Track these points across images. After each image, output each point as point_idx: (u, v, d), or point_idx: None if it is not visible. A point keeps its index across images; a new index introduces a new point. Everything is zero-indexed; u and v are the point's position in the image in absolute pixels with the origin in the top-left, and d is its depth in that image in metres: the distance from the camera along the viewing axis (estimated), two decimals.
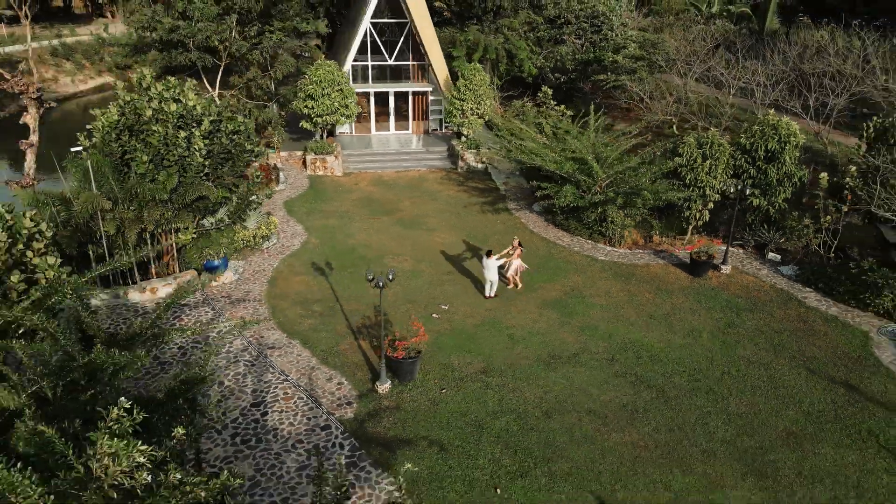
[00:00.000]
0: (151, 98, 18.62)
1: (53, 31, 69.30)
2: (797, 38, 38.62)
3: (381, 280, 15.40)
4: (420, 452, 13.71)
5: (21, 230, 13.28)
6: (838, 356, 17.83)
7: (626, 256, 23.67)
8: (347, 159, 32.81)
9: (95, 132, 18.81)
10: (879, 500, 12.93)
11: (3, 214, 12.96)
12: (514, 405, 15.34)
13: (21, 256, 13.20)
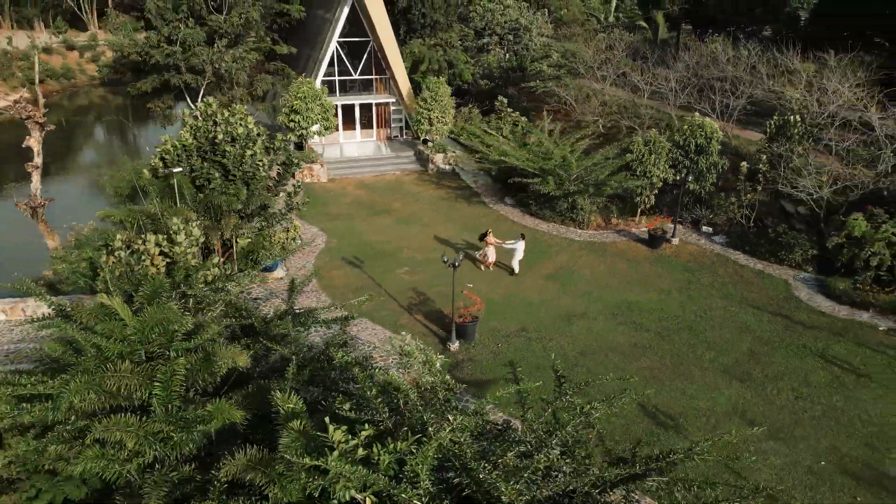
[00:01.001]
0: (217, 123, 21.63)
1: None
2: (694, 49, 45.65)
3: (458, 260, 19.54)
4: (501, 387, 18.03)
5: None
6: (770, 298, 23.84)
7: (595, 236, 28.98)
8: (327, 166, 36.18)
9: (166, 154, 21.55)
10: (820, 386, 18.67)
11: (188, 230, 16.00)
12: (554, 350, 19.95)
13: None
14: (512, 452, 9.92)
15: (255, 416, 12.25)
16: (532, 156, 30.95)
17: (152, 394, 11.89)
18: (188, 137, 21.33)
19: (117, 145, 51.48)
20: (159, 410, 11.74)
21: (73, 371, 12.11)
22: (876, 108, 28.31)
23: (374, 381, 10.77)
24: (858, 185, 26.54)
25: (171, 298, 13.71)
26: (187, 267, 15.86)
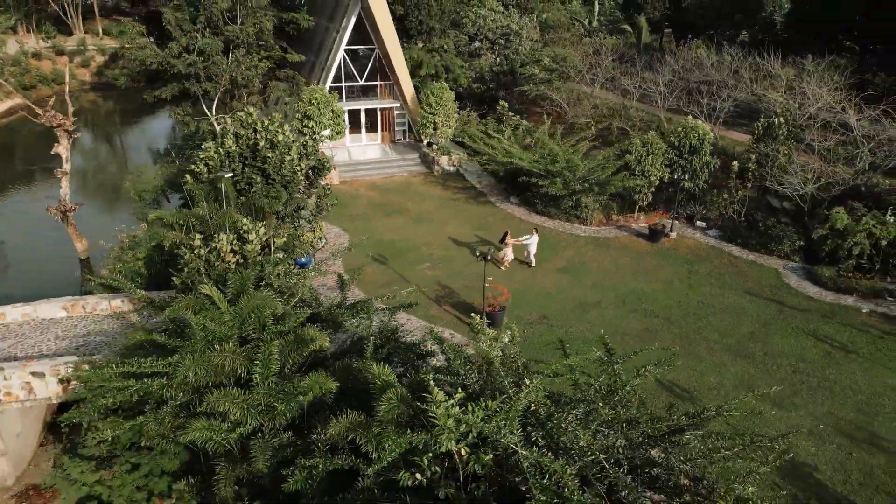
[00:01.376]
0: (257, 130, 23.24)
1: None
2: (679, 54, 48.08)
3: (489, 255, 21.41)
4: (545, 364, 19.95)
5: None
6: (764, 285, 26.12)
7: (598, 232, 31.06)
8: (339, 169, 37.79)
9: (210, 160, 23.09)
10: (813, 361, 20.89)
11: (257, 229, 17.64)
12: (575, 335, 21.91)
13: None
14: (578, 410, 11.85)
15: (338, 390, 13.99)
16: (538, 158, 32.94)
17: (252, 371, 13.59)
18: (231, 144, 22.88)
19: (125, 150, 52.54)
20: (261, 385, 13.45)
21: (182, 351, 13.75)
22: (853, 110, 30.79)
23: (460, 353, 12.62)
24: (839, 181, 29.00)
25: (257, 289, 15.40)
26: (262, 262, 17.50)
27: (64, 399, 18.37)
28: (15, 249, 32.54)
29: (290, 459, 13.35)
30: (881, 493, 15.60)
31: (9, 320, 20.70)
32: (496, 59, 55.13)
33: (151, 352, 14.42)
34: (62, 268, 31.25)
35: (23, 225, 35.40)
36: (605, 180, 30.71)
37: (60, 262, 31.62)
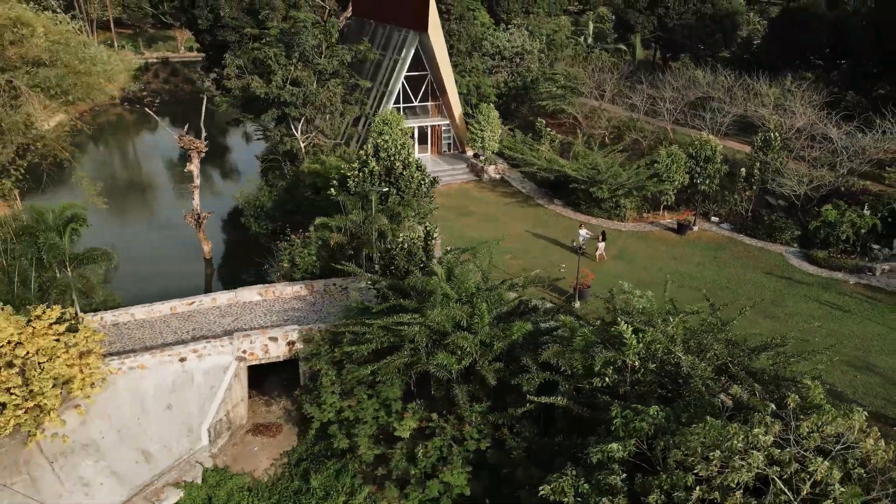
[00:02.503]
0: (392, 154, 29.74)
1: None
2: (678, 73, 55.70)
3: (584, 244, 28.31)
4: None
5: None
6: (773, 266, 33.61)
7: (636, 227, 38.31)
8: None
9: (355, 177, 29.49)
10: (820, 318, 28.33)
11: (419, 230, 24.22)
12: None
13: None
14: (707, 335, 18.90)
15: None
16: (579, 166, 40.06)
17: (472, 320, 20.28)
18: (374, 165, 29.32)
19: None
20: (479, 329, 20.17)
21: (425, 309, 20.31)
22: (834, 127, 38.68)
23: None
24: (826, 184, 36.78)
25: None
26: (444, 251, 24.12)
27: (288, 357, 24.73)
28: (149, 250, 38.39)
29: (507, 379, 20.10)
30: (879, 398, 22.97)
31: (219, 303, 26.94)
32: (510, 76, 61.94)
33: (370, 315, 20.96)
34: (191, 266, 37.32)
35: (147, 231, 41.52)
36: (641, 185, 37.97)
37: (189, 261, 37.68)
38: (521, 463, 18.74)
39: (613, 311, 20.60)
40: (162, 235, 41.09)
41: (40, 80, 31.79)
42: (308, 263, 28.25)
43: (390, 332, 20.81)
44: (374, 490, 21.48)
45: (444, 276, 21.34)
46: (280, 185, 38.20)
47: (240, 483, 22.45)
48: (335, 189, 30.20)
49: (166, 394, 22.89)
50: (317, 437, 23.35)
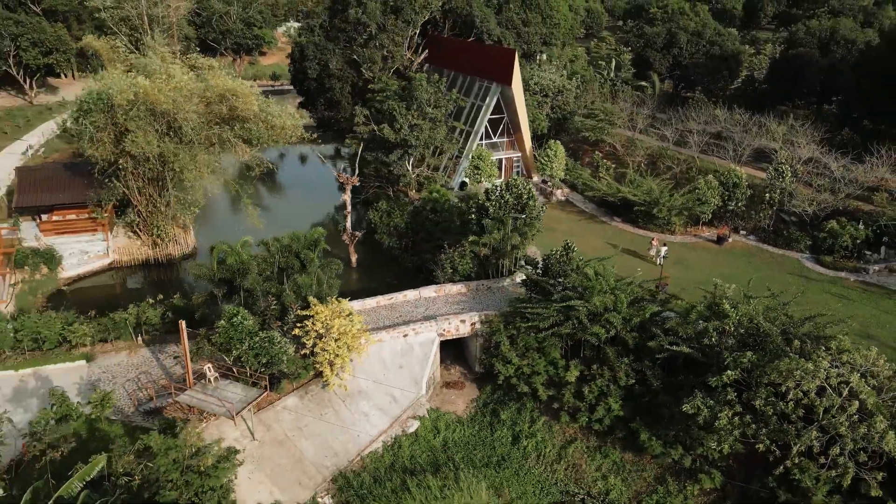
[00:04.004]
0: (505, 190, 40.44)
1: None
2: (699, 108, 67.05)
3: (663, 256, 39.23)
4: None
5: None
6: (793, 268, 44.82)
7: (683, 240, 49.39)
8: None
9: (492, 205, 40.09)
10: (834, 305, 39.39)
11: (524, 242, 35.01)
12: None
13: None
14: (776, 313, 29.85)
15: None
16: (636, 191, 51.16)
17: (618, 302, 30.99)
18: (508, 196, 40.00)
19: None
20: (623, 310, 30.88)
21: (587, 295, 31.01)
22: (834, 161, 50.20)
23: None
24: (828, 205, 48.20)
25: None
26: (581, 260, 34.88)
27: (470, 334, 35.22)
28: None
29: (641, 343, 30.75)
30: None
31: (409, 298, 37.52)
32: (552, 109, 73.00)
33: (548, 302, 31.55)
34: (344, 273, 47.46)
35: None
36: (688, 206, 49.16)
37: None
38: (659, 393, 29.52)
39: (714, 294, 31.34)
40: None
41: (246, 132, 42.11)
42: (466, 269, 38.91)
43: (561, 312, 31.46)
44: (548, 419, 32.11)
45: (594, 275, 32.11)
46: (408, 209, 48.65)
47: (449, 418, 32.96)
48: (475, 215, 40.86)
49: (398, 358, 33.39)
50: (495, 388, 33.95)
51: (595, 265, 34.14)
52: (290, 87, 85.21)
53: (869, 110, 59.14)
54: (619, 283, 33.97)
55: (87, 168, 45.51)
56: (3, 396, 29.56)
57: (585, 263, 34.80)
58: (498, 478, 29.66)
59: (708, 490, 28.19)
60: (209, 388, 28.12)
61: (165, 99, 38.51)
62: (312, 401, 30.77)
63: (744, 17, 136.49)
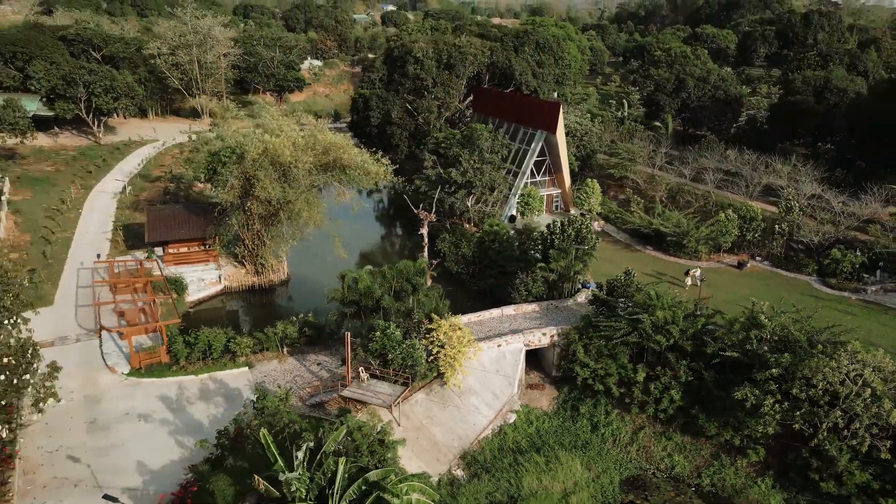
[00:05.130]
0: (566, 226, 48.69)
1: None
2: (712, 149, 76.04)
3: (699, 279, 47.50)
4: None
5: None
6: (804, 289, 53.21)
7: (708, 265, 57.73)
8: None
9: (557, 238, 48.26)
10: (842, 319, 47.64)
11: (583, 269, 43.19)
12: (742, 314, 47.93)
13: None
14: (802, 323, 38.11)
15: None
16: (666, 223, 59.59)
17: (676, 316, 39.20)
18: (571, 231, 48.15)
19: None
20: (680, 322, 39.07)
21: (651, 310, 39.14)
22: (834, 198, 59.00)
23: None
24: (831, 235, 56.83)
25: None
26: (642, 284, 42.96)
27: (548, 346, 43.15)
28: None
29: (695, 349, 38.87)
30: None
31: (493, 315, 45.47)
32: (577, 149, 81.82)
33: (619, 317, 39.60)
34: None
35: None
36: (713, 236, 57.64)
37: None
38: (712, 387, 37.49)
39: (753, 310, 39.43)
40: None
41: (348, 177, 50.19)
42: (538, 291, 46.96)
43: (630, 324, 39.46)
44: (620, 411, 39.94)
45: (655, 295, 40.21)
46: (473, 240, 56.74)
47: (538, 412, 40.72)
48: (541, 245, 49.00)
49: (494, 363, 41.20)
50: (572, 388, 41.77)
51: (653, 287, 42.28)
52: (331, 124, 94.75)
53: (861, 154, 68.25)
54: (674, 301, 42.07)
55: (202, 208, 53.25)
56: (192, 395, 37.03)
57: (644, 286, 42.91)
58: (584, 457, 37.39)
59: (754, 462, 36.09)
60: (363, 385, 35.80)
61: (289, 152, 46.53)
62: (436, 396, 38.45)
63: (737, 56, 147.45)
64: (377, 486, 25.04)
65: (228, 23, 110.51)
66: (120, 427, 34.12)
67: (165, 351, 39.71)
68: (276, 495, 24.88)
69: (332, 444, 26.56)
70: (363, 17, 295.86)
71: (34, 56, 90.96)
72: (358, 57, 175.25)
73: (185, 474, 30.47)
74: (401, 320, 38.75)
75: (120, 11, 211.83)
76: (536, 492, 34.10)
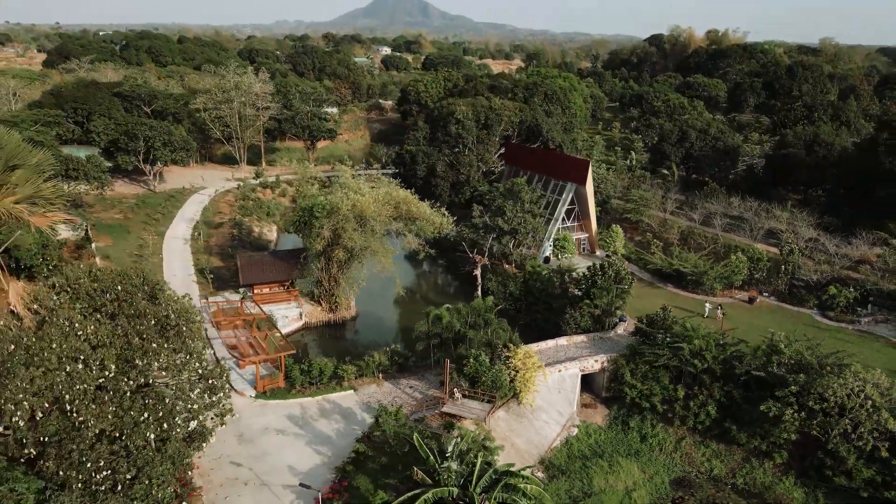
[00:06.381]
0: (607, 267, 57.16)
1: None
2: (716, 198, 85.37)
3: (721, 313, 55.97)
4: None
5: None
6: (807, 321, 61.79)
7: (722, 300, 66.25)
8: None
9: (600, 278, 56.63)
10: (842, 346, 56.09)
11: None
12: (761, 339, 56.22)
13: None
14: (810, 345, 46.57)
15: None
16: (686, 264, 68.27)
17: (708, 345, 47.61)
18: (610, 272, 56.52)
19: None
20: (712, 348, 47.45)
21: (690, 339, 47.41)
22: (830, 242, 68.11)
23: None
24: (827, 274, 65.71)
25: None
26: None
27: (597, 371, 51.23)
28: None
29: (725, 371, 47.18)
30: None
31: (549, 345, 53.52)
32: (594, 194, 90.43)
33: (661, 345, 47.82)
34: None
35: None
36: (726, 275, 66.35)
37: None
38: (741, 403, 45.57)
39: (773, 339, 47.71)
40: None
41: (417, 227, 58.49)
42: (585, 324, 55.17)
43: (671, 351, 47.61)
44: (664, 425, 47.85)
45: (690, 328, 48.45)
46: (519, 279, 64.97)
47: (594, 426, 48.55)
48: (585, 284, 57.34)
49: (556, 385, 49.11)
50: (621, 406, 49.67)
51: (687, 320, 50.62)
52: (354, 172, 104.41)
53: (849, 202, 77.78)
54: (706, 331, 50.40)
55: (286, 254, 61.23)
56: (314, 413, 44.53)
57: (679, 320, 51.25)
58: (638, 463, 45.17)
59: (778, 464, 44.02)
60: (458, 403, 43.55)
61: (373, 208, 54.88)
62: (513, 413, 46.20)
63: (728, 103, 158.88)
64: (506, 474, 32.80)
65: (268, 79, 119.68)
66: (263, 439, 41.57)
67: (283, 377, 47.29)
68: (429, 482, 32.51)
69: (465, 444, 34.30)
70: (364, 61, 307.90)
71: (94, 112, 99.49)
72: (371, 103, 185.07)
73: (330, 474, 37.98)
74: (482, 349, 46.63)
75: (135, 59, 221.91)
76: (605, 489, 41.82)
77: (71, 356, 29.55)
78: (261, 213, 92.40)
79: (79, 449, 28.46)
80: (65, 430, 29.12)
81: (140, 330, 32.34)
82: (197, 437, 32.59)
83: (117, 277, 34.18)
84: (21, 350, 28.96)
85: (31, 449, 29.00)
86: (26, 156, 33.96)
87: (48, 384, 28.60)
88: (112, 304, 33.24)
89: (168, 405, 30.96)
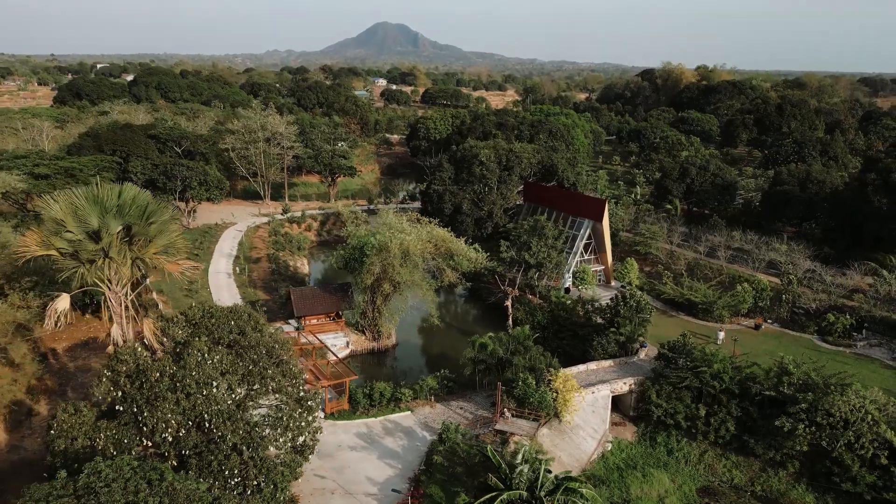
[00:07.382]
0: (628, 298, 63.34)
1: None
2: (718, 230, 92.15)
3: (733, 339, 62.15)
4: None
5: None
6: (809, 345, 68.03)
7: (730, 327, 72.48)
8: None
9: (622, 310, 62.74)
10: (841, 368, 62.26)
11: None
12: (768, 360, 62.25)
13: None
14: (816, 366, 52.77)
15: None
16: (697, 294, 74.57)
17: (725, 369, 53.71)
18: (632, 302, 62.61)
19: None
20: (729, 371, 53.54)
21: (711, 361, 53.52)
22: (826, 271, 74.75)
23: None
24: (826, 303, 72.19)
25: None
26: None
27: (626, 392, 57.16)
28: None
29: (742, 391, 53.24)
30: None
31: (581, 370, 59.47)
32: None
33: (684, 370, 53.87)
34: None
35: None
36: (734, 304, 72.69)
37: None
38: (758, 418, 51.47)
39: (782, 362, 53.79)
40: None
41: (454, 262, 64.49)
42: (612, 350, 61.12)
43: (692, 373, 53.54)
44: (688, 440, 53.61)
45: (709, 353, 54.47)
46: (546, 308, 70.93)
47: (625, 442, 54.23)
48: (609, 313, 63.38)
49: (590, 405, 54.86)
50: (648, 423, 55.42)
51: (706, 346, 56.70)
52: (374, 207, 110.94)
53: (842, 235, 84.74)
54: (724, 356, 56.43)
55: (334, 288, 67.00)
56: (379, 432, 49.99)
57: (698, 346, 57.35)
58: (667, 473, 50.84)
59: (791, 472, 49.80)
60: (508, 421, 49.18)
61: (419, 246, 60.92)
62: (554, 430, 51.84)
63: (722, 138, 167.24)
64: (566, 479, 38.46)
65: (293, 122, 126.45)
66: (339, 455, 46.97)
67: (347, 400, 52.80)
68: (501, 486, 38.09)
69: (528, 453, 39.98)
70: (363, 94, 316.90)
71: (132, 153, 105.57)
72: (379, 137, 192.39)
73: (404, 483, 43.43)
74: (525, 373, 52.38)
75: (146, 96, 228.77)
76: (641, 497, 47.44)
77: (205, 381, 35.19)
78: (292, 247, 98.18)
79: (217, 459, 33.94)
80: (203, 443, 34.67)
81: (255, 359, 38.07)
82: (304, 449, 38.10)
83: (230, 314, 39.91)
84: (166, 378, 34.60)
85: (174, 461, 34.53)
86: (160, 211, 39.84)
87: (191, 406, 34.22)
88: (228, 336, 38.94)
89: (284, 422, 36.55)
